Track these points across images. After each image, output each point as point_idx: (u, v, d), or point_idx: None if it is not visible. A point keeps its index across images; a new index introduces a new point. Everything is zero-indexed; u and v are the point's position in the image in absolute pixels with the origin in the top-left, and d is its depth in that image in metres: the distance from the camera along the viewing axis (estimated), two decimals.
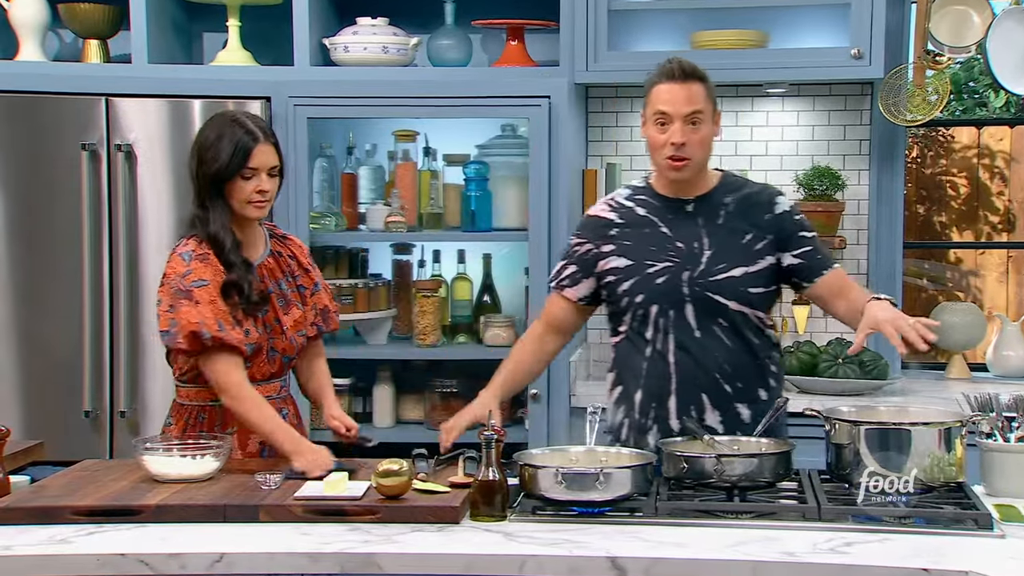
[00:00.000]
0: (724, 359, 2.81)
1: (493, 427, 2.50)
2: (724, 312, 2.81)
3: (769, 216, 2.86)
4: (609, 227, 2.90)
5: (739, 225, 2.85)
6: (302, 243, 3.09)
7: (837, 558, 2.21)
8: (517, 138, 4.13)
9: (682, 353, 2.82)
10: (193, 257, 2.80)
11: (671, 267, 2.83)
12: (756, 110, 4.24)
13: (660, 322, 2.83)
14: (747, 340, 2.84)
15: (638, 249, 2.86)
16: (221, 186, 2.81)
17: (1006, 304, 4.93)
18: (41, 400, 3.91)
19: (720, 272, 2.81)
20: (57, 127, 3.87)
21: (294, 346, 2.93)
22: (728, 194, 2.88)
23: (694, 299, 2.81)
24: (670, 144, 2.78)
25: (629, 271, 2.85)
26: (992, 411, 2.71)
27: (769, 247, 2.84)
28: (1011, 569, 2.15)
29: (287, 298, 2.94)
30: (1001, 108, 4.97)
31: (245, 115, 2.88)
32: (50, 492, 2.59)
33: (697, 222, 2.85)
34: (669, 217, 2.86)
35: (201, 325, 2.74)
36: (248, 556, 2.28)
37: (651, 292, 2.83)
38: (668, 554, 2.25)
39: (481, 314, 4.15)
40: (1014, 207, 4.89)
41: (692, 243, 2.83)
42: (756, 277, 2.83)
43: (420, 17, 4.24)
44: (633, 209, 2.90)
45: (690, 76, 2.79)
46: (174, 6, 4.21)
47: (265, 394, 2.88)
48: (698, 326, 2.81)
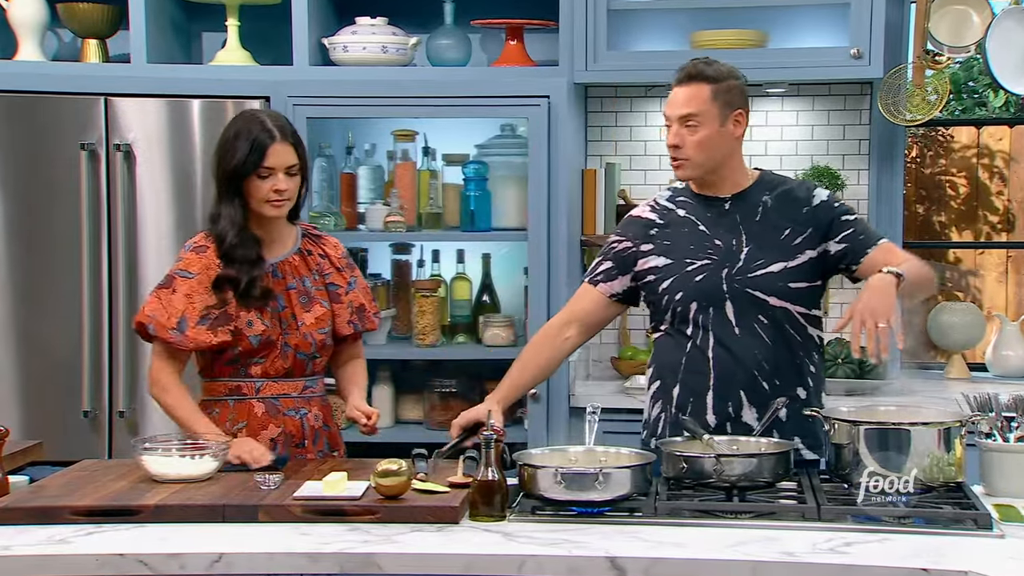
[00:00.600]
0: (763, 356, 2.80)
1: (493, 427, 2.50)
2: (764, 308, 2.81)
3: (807, 209, 2.86)
4: (650, 227, 2.92)
5: (777, 221, 2.85)
6: (338, 243, 3.08)
7: (837, 558, 2.21)
8: (516, 138, 4.13)
9: (721, 349, 2.81)
10: (192, 248, 2.88)
11: (710, 264, 2.83)
12: (755, 110, 4.20)
13: (700, 319, 2.83)
14: (787, 337, 2.82)
15: (677, 248, 2.87)
16: (239, 184, 2.82)
17: (1005, 304, 4.92)
18: (40, 400, 3.91)
19: (759, 268, 2.81)
20: (56, 127, 3.87)
21: (310, 343, 2.92)
22: (766, 191, 2.89)
23: (733, 296, 2.81)
24: (672, 146, 2.84)
25: (668, 269, 2.86)
26: (991, 411, 2.71)
27: (810, 240, 2.83)
28: (1011, 569, 2.15)
29: (311, 295, 2.93)
30: (1000, 108, 4.97)
31: (267, 113, 2.90)
32: (49, 492, 2.58)
33: (735, 219, 2.86)
34: (707, 215, 2.87)
35: (152, 319, 2.83)
36: (247, 556, 2.28)
37: (690, 290, 2.83)
38: (667, 554, 2.24)
39: (480, 314, 4.15)
40: (1013, 207, 4.88)
41: (731, 240, 2.84)
42: (796, 272, 2.82)
43: (419, 17, 4.24)
44: (674, 210, 2.92)
45: (694, 78, 2.80)
46: (173, 6, 4.21)
47: (283, 392, 2.90)
48: (737, 323, 2.81)
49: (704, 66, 2.82)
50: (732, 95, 2.82)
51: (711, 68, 2.82)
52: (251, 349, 2.86)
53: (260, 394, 2.90)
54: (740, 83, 2.85)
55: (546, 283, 3.86)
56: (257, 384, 2.90)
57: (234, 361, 2.88)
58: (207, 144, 3.86)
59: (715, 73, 2.81)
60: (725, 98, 2.81)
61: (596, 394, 3.72)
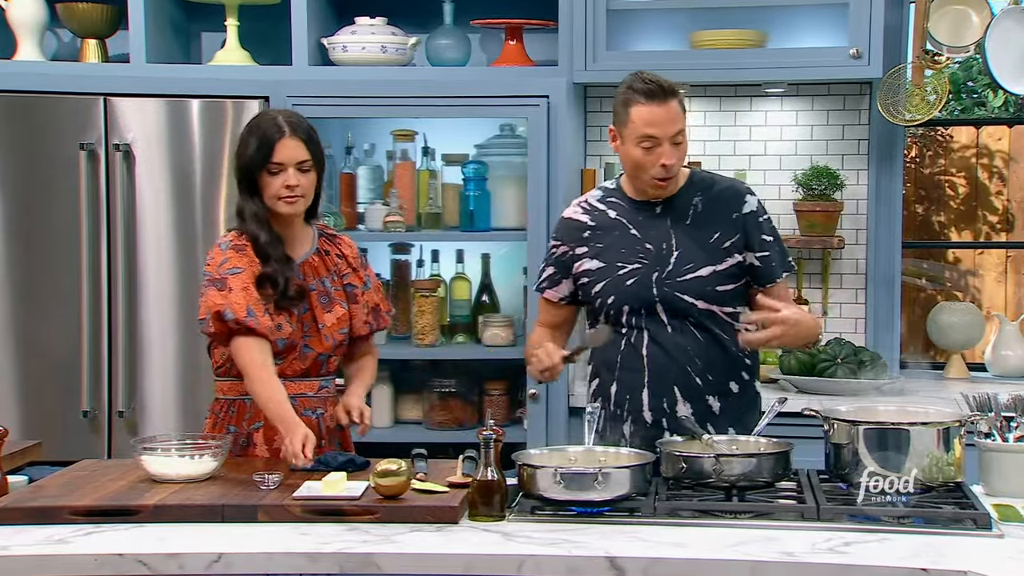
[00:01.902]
0: (695, 353, 2.85)
1: (492, 427, 2.50)
2: (692, 311, 2.86)
3: (737, 215, 2.90)
4: (582, 229, 2.94)
5: (707, 223, 2.88)
6: (353, 242, 3.08)
7: (836, 558, 2.21)
8: (516, 138, 4.14)
9: (655, 347, 2.86)
10: (230, 247, 2.85)
11: (640, 268, 2.87)
12: (755, 110, 4.24)
13: (633, 321, 2.88)
14: (716, 335, 2.87)
15: (610, 251, 2.90)
16: (253, 180, 2.83)
17: (1004, 304, 4.92)
18: (39, 400, 3.91)
19: (688, 272, 2.85)
20: (55, 127, 3.87)
21: (330, 344, 2.92)
22: (697, 193, 2.91)
23: (663, 300, 2.85)
24: (660, 166, 2.81)
25: (601, 273, 2.89)
26: (991, 411, 2.72)
27: (736, 245, 2.88)
28: (1010, 569, 2.15)
29: (330, 296, 2.93)
30: (1000, 108, 4.97)
31: (282, 112, 2.92)
32: (48, 492, 2.58)
33: (666, 223, 2.89)
34: (639, 219, 2.90)
35: (225, 307, 2.77)
36: (246, 556, 2.28)
37: (622, 294, 2.87)
38: (667, 554, 2.25)
39: (480, 314, 4.15)
40: (1013, 207, 4.88)
41: (661, 244, 2.87)
42: (724, 275, 2.87)
43: (419, 17, 4.24)
44: (605, 212, 2.94)
45: (670, 93, 2.80)
46: (172, 6, 4.21)
47: (300, 392, 2.90)
48: (670, 323, 2.86)
49: (666, 79, 2.82)
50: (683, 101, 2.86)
51: (669, 79, 2.83)
52: (276, 352, 2.84)
53: None
54: None
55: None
56: None
57: None
58: (206, 144, 3.86)
59: (676, 84, 2.83)
60: (684, 107, 2.85)
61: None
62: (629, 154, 2.84)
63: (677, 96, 2.82)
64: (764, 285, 2.92)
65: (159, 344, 3.87)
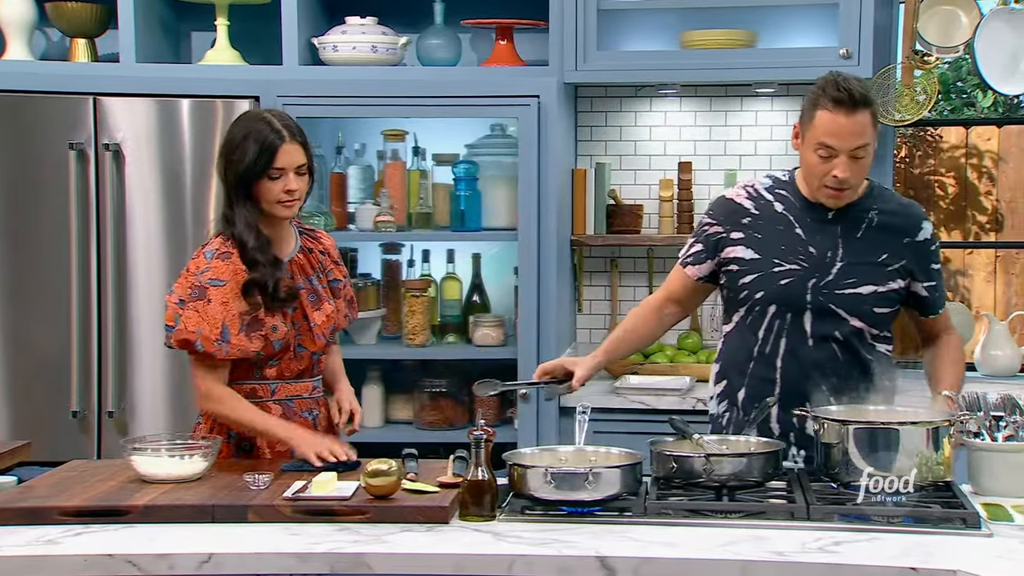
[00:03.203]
0: (832, 372, 2.77)
1: (483, 427, 2.50)
2: (842, 325, 2.78)
3: (909, 240, 2.82)
4: (743, 215, 2.86)
5: (878, 242, 2.80)
6: (330, 236, 3.08)
7: (826, 557, 2.22)
8: (506, 138, 4.14)
9: (791, 359, 2.79)
10: (215, 255, 2.81)
11: (798, 270, 2.79)
12: (745, 110, 4.25)
13: (775, 324, 2.80)
14: (860, 356, 2.80)
15: (768, 245, 2.82)
16: (249, 186, 2.80)
17: (994, 303, 4.94)
18: (28, 400, 3.90)
19: (848, 287, 2.78)
20: (45, 126, 3.86)
21: (322, 343, 2.92)
22: (874, 207, 2.82)
23: (814, 308, 2.78)
24: (832, 176, 2.72)
25: (754, 265, 2.82)
26: (980, 410, 2.72)
27: (902, 271, 2.81)
28: (999, 568, 2.16)
29: (318, 294, 2.93)
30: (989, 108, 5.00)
31: (272, 113, 2.88)
32: (37, 493, 2.58)
33: (836, 231, 2.80)
34: (807, 220, 2.81)
35: (197, 334, 2.76)
36: (237, 556, 2.28)
37: (773, 292, 2.79)
38: (657, 554, 2.25)
39: (470, 314, 4.15)
40: (1002, 207, 4.91)
41: (826, 251, 2.79)
42: (883, 297, 2.79)
43: (409, 17, 4.24)
44: (771, 203, 2.85)
45: (861, 104, 2.67)
46: (162, 5, 4.21)
47: (296, 393, 2.90)
48: (812, 334, 2.78)
49: (859, 87, 2.69)
50: (878, 111, 2.75)
51: (863, 88, 2.69)
52: (272, 353, 2.84)
53: (275, 396, 2.88)
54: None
55: (536, 283, 3.86)
56: (272, 386, 2.88)
57: (251, 364, 2.85)
58: (196, 144, 3.86)
59: (868, 93, 2.70)
60: (878, 116, 2.74)
61: (586, 394, 3.71)
62: (805, 157, 2.76)
63: (870, 108, 2.69)
64: (928, 316, 2.87)
65: (149, 344, 3.86)
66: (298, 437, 2.78)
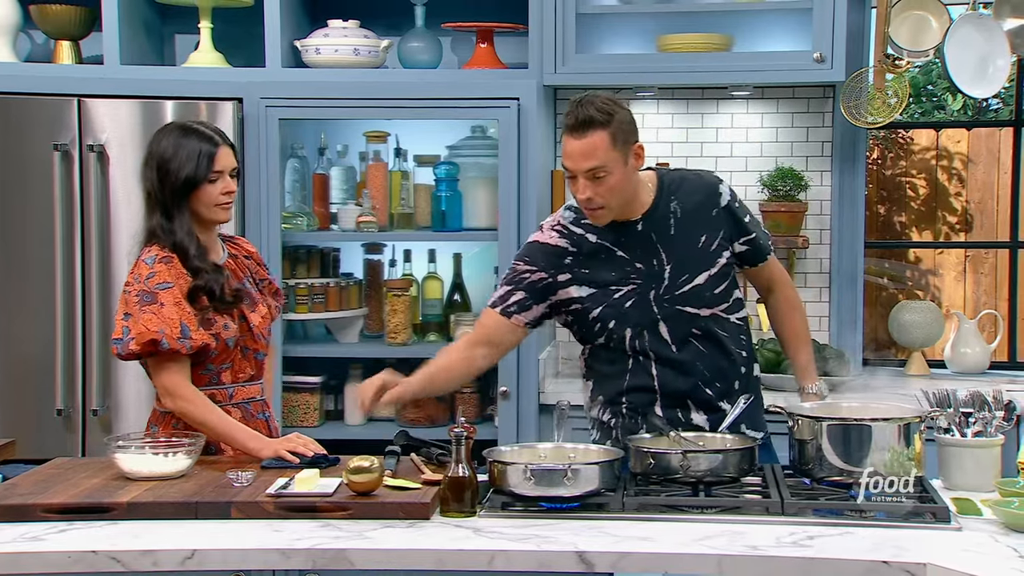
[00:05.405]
0: (703, 366, 2.83)
1: (463, 424, 2.53)
2: (696, 320, 2.83)
3: (716, 211, 2.86)
4: (562, 255, 2.84)
5: (690, 229, 2.84)
6: (248, 239, 3.17)
7: (800, 551, 2.25)
8: (487, 139, 4.17)
9: (663, 367, 2.83)
10: (156, 260, 2.83)
11: (636, 289, 2.82)
12: (721, 112, 4.30)
13: (636, 343, 2.83)
14: (719, 340, 2.84)
15: (598, 276, 2.83)
16: (188, 194, 2.85)
17: (964, 302, 5.00)
18: (13, 398, 3.91)
19: (685, 284, 2.82)
20: (29, 128, 3.87)
21: (263, 343, 2.98)
22: (671, 199, 2.85)
23: (665, 316, 2.81)
24: (580, 197, 2.75)
25: (595, 298, 2.82)
26: (950, 407, 2.76)
27: (722, 242, 2.86)
28: (968, 561, 2.19)
29: (252, 296, 2.98)
30: (959, 111, 5.06)
31: (195, 123, 2.93)
32: (21, 490, 2.59)
33: (650, 238, 2.82)
34: (622, 240, 2.82)
35: (161, 334, 2.77)
36: (220, 552, 2.29)
37: (622, 317, 2.81)
38: (635, 548, 2.27)
39: (451, 313, 4.18)
40: (971, 207, 4.96)
41: (651, 261, 2.82)
42: (719, 276, 2.85)
43: (391, 19, 4.26)
44: (584, 236, 2.84)
45: (587, 126, 2.66)
46: (146, 8, 4.22)
47: (250, 396, 2.95)
48: (673, 340, 2.82)
49: (592, 110, 2.66)
50: (626, 131, 2.69)
51: (598, 109, 2.66)
52: (226, 350, 2.88)
53: (233, 400, 2.93)
54: (626, 112, 2.72)
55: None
56: (229, 390, 2.92)
57: (207, 369, 2.89)
58: None
59: (604, 114, 2.66)
60: (622, 138, 2.69)
61: (566, 391, 3.76)
62: None
63: (604, 129, 2.66)
64: (756, 265, 2.92)
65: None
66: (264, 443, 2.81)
